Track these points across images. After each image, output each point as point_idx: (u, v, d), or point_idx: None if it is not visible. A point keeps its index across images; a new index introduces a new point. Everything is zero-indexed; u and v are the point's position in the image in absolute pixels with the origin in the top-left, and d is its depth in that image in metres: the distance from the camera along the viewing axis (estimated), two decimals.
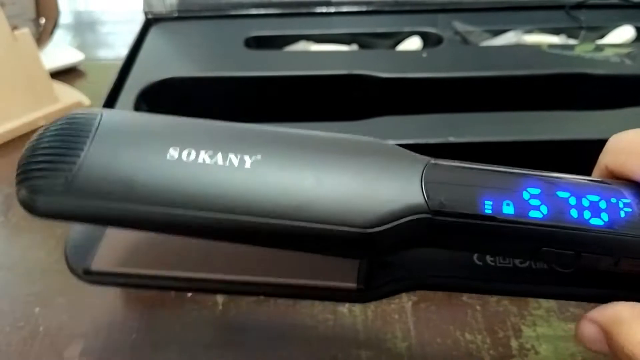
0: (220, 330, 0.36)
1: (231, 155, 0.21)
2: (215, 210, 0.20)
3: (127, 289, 0.26)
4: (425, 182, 0.21)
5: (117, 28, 0.77)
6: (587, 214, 0.20)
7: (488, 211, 0.20)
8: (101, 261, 0.25)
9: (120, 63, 0.49)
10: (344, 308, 0.37)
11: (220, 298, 0.37)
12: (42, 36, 0.65)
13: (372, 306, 0.37)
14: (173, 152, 0.21)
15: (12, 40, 0.52)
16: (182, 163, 0.21)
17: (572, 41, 0.55)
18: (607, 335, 0.20)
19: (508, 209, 0.20)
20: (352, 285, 0.24)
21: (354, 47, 0.56)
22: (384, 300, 0.37)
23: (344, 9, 0.59)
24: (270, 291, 0.25)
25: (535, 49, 0.50)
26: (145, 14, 0.57)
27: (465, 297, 0.24)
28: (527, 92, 0.47)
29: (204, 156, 0.21)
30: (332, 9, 0.59)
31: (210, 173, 0.21)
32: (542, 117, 0.42)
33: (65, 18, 0.75)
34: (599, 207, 0.21)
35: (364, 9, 0.59)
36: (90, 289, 0.39)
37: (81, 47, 0.71)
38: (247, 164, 0.21)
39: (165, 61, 0.50)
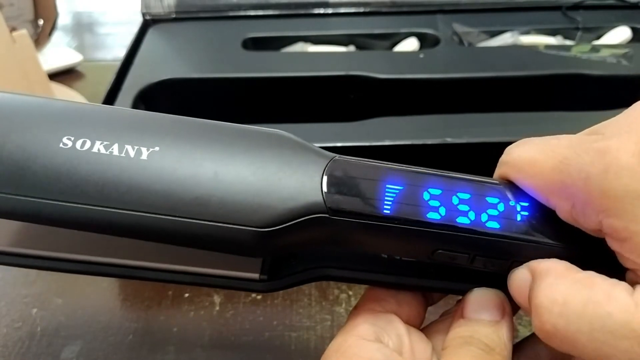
0: (217, 331, 0.36)
1: (128, 146, 0.20)
2: (105, 204, 0.19)
3: (18, 268, 0.25)
4: (326, 180, 0.20)
5: (115, 29, 0.77)
6: (484, 217, 0.20)
7: (387, 211, 0.20)
8: None
9: (118, 64, 0.49)
10: (341, 308, 0.37)
11: (217, 298, 0.37)
12: (40, 37, 0.65)
13: None
14: (67, 141, 0.20)
15: (10, 42, 0.52)
16: (75, 153, 0.20)
17: (568, 42, 0.55)
18: (532, 283, 0.19)
19: (407, 210, 0.20)
20: (255, 275, 0.24)
21: (352, 48, 0.56)
22: None
23: (342, 10, 0.59)
24: (170, 278, 0.24)
25: (532, 49, 0.51)
26: (143, 15, 0.57)
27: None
28: (524, 93, 0.47)
29: (99, 146, 0.20)
30: (329, 10, 0.59)
31: (102, 164, 0.19)
32: (539, 117, 0.42)
33: (63, 19, 0.75)
34: (497, 211, 0.20)
35: (361, 10, 0.59)
36: (88, 290, 0.39)
37: (79, 48, 0.71)
38: (144, 156, 0.20)
39: (163, 62, 0.50)
